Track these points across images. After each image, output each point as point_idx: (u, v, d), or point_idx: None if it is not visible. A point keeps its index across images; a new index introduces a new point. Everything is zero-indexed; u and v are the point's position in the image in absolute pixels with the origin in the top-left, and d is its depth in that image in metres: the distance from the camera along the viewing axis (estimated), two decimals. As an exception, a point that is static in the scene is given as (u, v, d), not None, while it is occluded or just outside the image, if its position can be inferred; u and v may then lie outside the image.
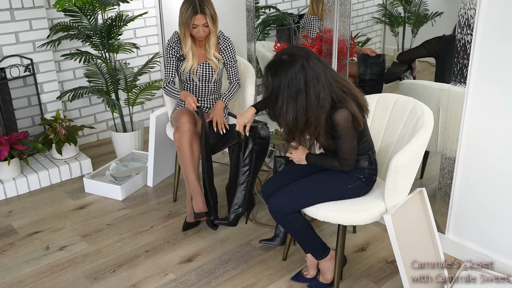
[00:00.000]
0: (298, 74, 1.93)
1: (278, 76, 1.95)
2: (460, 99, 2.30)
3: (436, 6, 2.89)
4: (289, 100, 1.96)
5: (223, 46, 2.85)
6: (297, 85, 1.93)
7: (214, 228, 2.76)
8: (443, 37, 2.61)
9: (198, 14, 2.64)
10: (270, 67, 1.99)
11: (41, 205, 3.16)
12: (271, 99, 2.00)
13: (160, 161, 3.36)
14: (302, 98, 1.95)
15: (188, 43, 2.76)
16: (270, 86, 1.98)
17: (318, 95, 1.94)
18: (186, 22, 2.67)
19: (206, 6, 2.66)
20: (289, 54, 1.96)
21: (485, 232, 2.40)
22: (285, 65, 1.94)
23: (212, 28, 2.71)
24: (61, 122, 3.38)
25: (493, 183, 2.31)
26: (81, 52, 3.41)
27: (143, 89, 3.66)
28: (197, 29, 2.69)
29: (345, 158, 2.07)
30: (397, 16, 3.22)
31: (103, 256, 2.63)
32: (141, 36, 4.17)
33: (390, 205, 2.13)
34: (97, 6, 3.36)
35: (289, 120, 1.99)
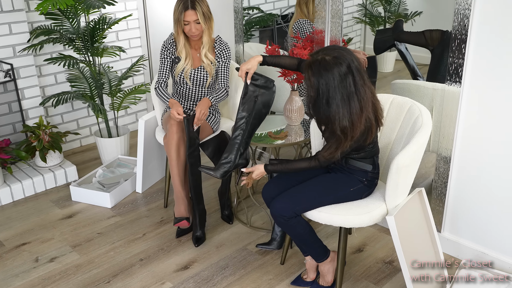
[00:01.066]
0: (347, 76, 1.86)
1: (323, 77, 1.86)
2: (456, 98, 2.31)
3: (416, 6, 2.92)
4: (343, 104, 1.88)
5: (218, 50, 2.80)
6: (348, 88, 1.87)
7: (196, 245, 2.68)
8: (447, 32, 2.59)
9: (189, 9, 2.61)
10: (313, 68, 1.89)
11: (27, 215, 3.05)
12: (319, 102, 1.91)
13: (148, 167, 3.29)
14: (355, 101, 1.89)
15: (181, 41, 2.72)
16: (316, 88, 1.89)
17: (365, 95, 1.90)
18: (178, 18, 2.65)
19: (198, 2, 2.63)
20: (333, 56, 1.88)
21: (481, 229, 2.42)
22: (331, 66, 1.86)
23: (204, 26, 2.67)
24: (44, 129, 3.28)
25: (488, 181, 2.33)
26: (65, 56, 3.31)
27: (129, 93, 3.58)
28: (188, 26, 2.65)
29: (326, 157, 2.01)
30: (377, 16, 3.23)
31: (96, 266, 2.55)
32: (123, 38, 4.08)
33: (391, 206, 2.12)
34: (79, 8, 3.27)
35: (346, 125, 1.90)
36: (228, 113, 3.17)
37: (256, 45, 3.56)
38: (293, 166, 2.13)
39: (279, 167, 2.16)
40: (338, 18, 2.67)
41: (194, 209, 2.66)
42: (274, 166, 2.17)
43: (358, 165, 2.12)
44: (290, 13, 3.59)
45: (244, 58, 3.39)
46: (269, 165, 2.19)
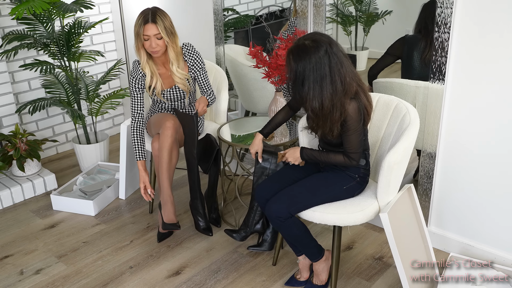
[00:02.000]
0: (322, 59, 1.93)
1: (302, 60, 1.94)
2: (439, 95, 2.37)
3: (386, 5, 2.97)
4: (315, 85, 1.95)
5: (189, 61, 2.70)
6: (322, 70, 1.94)
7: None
8: (406, 37, 2.68)
9: (149, 23, 2.47)
10: (293, 52, 1.97)
11: (6, 226, 2.96)
12: (296, 83, 2.00)
13: (131, 173, 3.23)
14: (327, 83, 1.95)
15: (143, 56, 2.57)
16: (294, 70, 1.98)
17: (343, 80, 1.96)
18: (137, 33, 2.51)
19: (160, 16, 2.50)
20: (312, 40, 1.96)
21: (466, 222, 2.49)
22: (309, 50, 1.94)
23: (167, 40, 2.52)
24: (21, 137, 3.18)
25: (472, 176, 2.40)
26: (40, 62, 3.22)
27: (107, 98, 3.52)
28: (149, 42, 2.50)
29: (353, 151, 2.06)
30: (348, 15, 3.28)
31: (84, 276, 2.49)
32: (98, 42, 4.00)
33: (383, 203, 2.16)
34: (54, 12, 3.18)
35: (316, 106, 1.97)
36: (211, 115, 3.15)
37: (236, 46, 3.55)
38: (329, 159, 2.13)
39: (316, 155, 2.15)
40: (321, 18, 2.69)
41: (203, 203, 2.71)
42: (311, 153, 2.16)
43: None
44: (265, 14, 3.60)
45: (224, 60, 3.37)
46: (306, 150, 2.17)
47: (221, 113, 3.07)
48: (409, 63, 2.65)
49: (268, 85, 3.16)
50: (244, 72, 3.35)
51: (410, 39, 2.64)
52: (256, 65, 2.80)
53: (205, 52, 3.38)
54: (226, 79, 3.09)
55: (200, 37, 3.42)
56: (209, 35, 3.35)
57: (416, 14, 2.60)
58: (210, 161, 2.73)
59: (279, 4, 3.62)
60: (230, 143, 2.70)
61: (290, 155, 2.22)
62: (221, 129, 2.86)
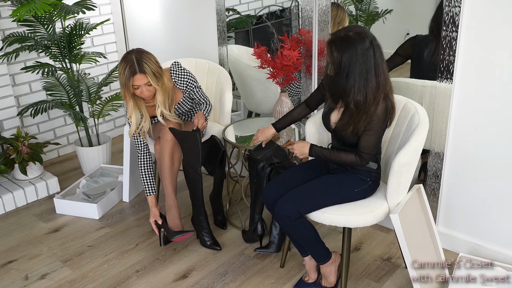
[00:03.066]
0: (368, 51, 1.91)
1: (347, 51, 1.90)
2: (447, 95, 2.35)
3: (386, 4, 2.96)
4: (361, 77, 1.92)
5: (180, 85, 2.62)
6: (368, 62, 1.91)
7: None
8: (416, 37, 2.65)
9: (137, 73, 2.36)
10: (337, 43, 1.93)
11: (10, 231, 2.92)
12: (339, 75, 1.94)
13: (134, 175, 3.21)
14: (372, 76, 1.92)
15: (130, 106, 2.48)
16: (338, 61, 1.93)
17: (386, 75, 1.94)
18: (125, 83, 2.39)
19: (146, 63, 2.37)
20: (355, 32, 1.92)
21: (474, 222, 2.48)
22: (355, 41, 1.90)
23: (157, 86, 2.43)
24: (23, 140, 3.15)
25: (480, 175, 2.38)
26: (42, 64, 3.19)
27: (109, 100, 3.49)
28: (140, 90, 2.42)
29: (367, 151, 2.03)
30: (349, 14, 3.26)
31: (90, 281, 2.47)
32: (99, 44, 3.97)
33: (393, 204, 2.14)
34: (55, 14, 3.15)
35: (360, 99, 1.94)
36: (215, 116, 3.13)
37: (239, 47, 3.52)
38: (340, 158, 2.09)
39: (326, 153, 2.11)
40: (326, 17, 2.67)
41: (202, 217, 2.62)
42: (320, 151, 2.11)
43: (362, 164, 2.13)
44: (265, 14, 3.58)
45: (228, 61, 3.35)
46: (316, 147, 2.12)
47: (225, 114, 3.05)
48: (419, 63, 2.63)
49: (271, 85, 3.14)
50: (248, 73, 3.33)
51: (420, 40, 2.62)
52: (261, 65, 2.79)
53: (208, 52, 3.36)
54: (229, 80, 3.07)
55: (203, 37, 3.39)
56: (212, 36, 3.33)
57: (416, 13, 2.58)
58: (215, 163, 2.70)
59: (279, 4, 3.60)
60: (235, 144, 2.67)
61: (298, 149, 2.16)
62: (226, 131, 2.84)
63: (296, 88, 3.09)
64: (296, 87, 3.08)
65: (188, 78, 2.63)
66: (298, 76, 2.97)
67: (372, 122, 1.98)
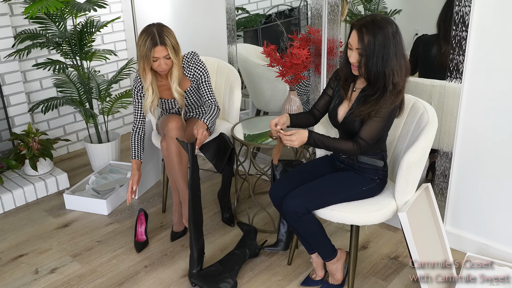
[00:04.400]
0: (397, 34, 1.95)
1: (379, 34, 1.92)
2: (456, 94, 2.35)
3: (395, 4, 2.95)
4: (396, 60, 1.95)
5: (188, 73, 2.64)
6: (399, 45, 1.95)
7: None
8: (422, 37, 2.65)
9: (158, 45, 2.43)
10: (367, 26, 1.93)
11: (20, 226, 2.96)
12: (374, 60, 1.95)
13: (143, 171, 3.23)
14: (402, 59, 1.97)
15: (148, 79, 2.55)
16: (372, 44, 1.93)
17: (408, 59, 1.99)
18: (146, 55, 2.45)
19: (167, 36, 2.45)
20: (381, 17, 1.95)
21: (482, 222, 2.47)
22: (384, 25, 1.92)
23: (175, 60, 2.50)
24: (33, 136, 3.18)
25: (489, 175, 2.38)
26: (53, 61, 3.22)
27: (118, 97, 3.52)
28: (158, 62, 2.48)
29: (366, 139, 2.03)
30: (357, 14, 3.27)
31: (99, 275, 2.49)
32: (109, 42, 4.00)
33: (401, 202, 2.14)
34: (66, 12, 3.18)
35: (398, 81, 1.97)
36: (224, 114, 3.14)
37: (248, 45, 3.54)
38: (336, 145, 2.06)
39: (324, 140, 2.07)
40: (336, 15, 2.68)
41: (192, 245, 2.37)
42: (318, 137, 2.07)
43: (369, 162, 2.14)
44: (274, 13, 3.59)
45: (237, 59, 3.37)
46: (315, 134, 2.07)
47: (234, 112, 3.06)
48: (426, 63, 2.62)
49: (280, 84, 3.15)
50: (257, 71, 3.34)
51: (424, 40, 2.62)
52: (270, 64, 2.80)
53: (217, 51, 3.38)
54: (239, 78, 3.08)
55: (212, 36, 3.41)
56: (221, 34, 3.35)
57: (425, 13, 2.58)
58: (224, 160, 2.72)
59: (288, 3, 3.61)
60: (244, 142, 2.69)
61: (298, 140, 2.05)
62: (235, 128, 2.85)
63: (305, 87, 3.10)
64: (305, 86, 3.09)
65: (197, 68, 2.65)
66: (307, 75, 2.98)
67: (381, 110, 2.00)
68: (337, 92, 2.22)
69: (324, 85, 2.91)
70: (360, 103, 2.08)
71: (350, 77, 2.15)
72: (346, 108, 2.16)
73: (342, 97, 2.19)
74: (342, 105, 2.18)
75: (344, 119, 2.14)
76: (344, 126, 2.15)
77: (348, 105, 2.15)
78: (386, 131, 2.15)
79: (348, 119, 2.11)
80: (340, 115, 2.17)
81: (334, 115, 2.19)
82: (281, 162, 2.53)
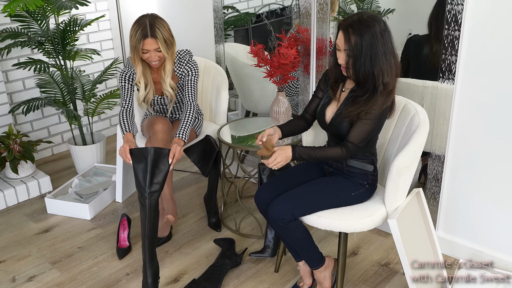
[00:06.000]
0: (385, 33, 1.87)
1: (366, 33, 1.84)
2: (449, 96, 2.27)
3: (388, 3, 2.88)
4: (385, 59, 1.87)
5: (178, 71, 2.55)
6: (387, 44, 1.88)
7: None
8: (413, 37, 2.58)
9: (148, 37, 2.34)
10: (354, 26, 1.85)
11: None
12: (362, 60, 1.87)
13: (128, 175, 3.13)
14: (391, 58, 1.89)
15: (139, 70, 2.47)
16: (359, 45, 1.85)
17: (398, 57, 1.92)
18: (135, 46, 2.37)
19: (159, 28, 2.35)
20: (368, 15, 1.87)
21: (476, 228, 2.40)
22: (371, 23, 1.85)
23: (166, 54, 2.41)
24: (14, 138, 3.08)
25: (482, 179, 2.30)
26: (34, 61, 3.12)
27: (103, 98, 3.42)
28: (148, 54, 2.40)
29: (355, 142, 1.94)
30: (350, 13, 3.19)
31: (79, 284, 2.39)
32: (95, 41, 3.90)
33: (391, 208, 2.06)
34: (48, 9, 3.08)
35: (388, 81, 1.89)
36: (211, 116, 3.05)
37: (236, 45, 3.45)
38: (324, 154, 1.97)
39: (310, 152, 1.97)
40: (325, 13, 2.60)
41: (146, 267, 2.21)
42: (303, 150, 1.97)
43: (358, 166, 2.05)
44: (265, 12, 3.51)
45: (224, 59, 3.28)
46: (298, 148, 1.96)
47: (221, 114, 2.98)
48: (417, 64, 2.55)
49: (269, 84, 3.06)
50: (245, 72, 3.26)
51: (415, 40, 2.55)
52: (258, 64, 2.71)
53: (204, 50, 3.29)
54: (226, 78, 3.00)
55: (199, 35, 3.33)
56: (208, 33, 3.26)
57: (419, 13, 2.51)
58: (209, 163, 2.63)
59: (280, 2, 3.53)
60: (231, 144, 2.60)
61: (281, 156, 1.94)
62: (221, 130, 2.77)
63: (294, 88, 3.02)
64: (294, 86, 3.01)
65: (188, 66, 2.55)
66: (296, 75, 2.89)
67: (371, 112, 1.92)
68: (326, 92, 2.14)
69: (313, 86, 2.82)
70: (348, 103, 2.00)
71: (340, 78, 2.07)
72: (334, 109, 2.08)
73: (330, 98, 2.11)
74: (330, 105, 2.10)
75: (331, 120, 2.06)
76: (331, 127, 2.06)
77: (337, 106, 2.07)
78: (376, 133, 2.07)
79: (335, 120, 2.03)
80: (328, 116, 2.09)
81: (322, 116, 2.11)
82: None
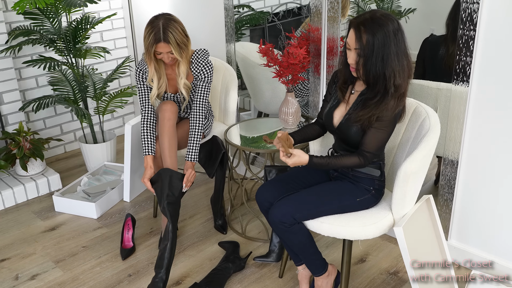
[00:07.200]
0: (398, 32, 1.78)
1: (378, 32, 1.76)
2: (463, 98, 2.17)
3: (409, 3, 2.79)
4: (398, 60, 1.79)
5: (194, 71, 2.52)
6: (400, 44, 1.79)
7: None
8: (430, 38, 2.48)
9: (161, 42, 2.33)
10: (366, 24, 1.77)
11: (7, 228, 2.86)
12: (373, 60, 1.79)
13: (136, 174, 3.11)
14: (404, 59, 1.81)
15: (152, 69, 2.46)
16: (371, 44, 1.77)
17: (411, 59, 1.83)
18: (147, 49, 2.38)
19: (171, 32, 2.33)
20: (381, 13, 1.79)
21: (491, 237, 2.29)
22: (384, 22, 1.77)
23: (179, 57, 2.40)
24: (25, 136, 3.09)
25: (498, 186, 2.19)
26: (45, 58, 3.12)
27: (114, 96, 3.40)
28: (161, 56, 2.40)
29: (371, 150, 1.87)
30: None
31: (80, 284, 2.37)
32: (108, 39, 3.90)
33: (398, 216, 1.97)
34: (60, 7, 3.08)
35: (400, 82, 1.82)
36: (220, 116, 3.00)
37: (248, 44, 3.39)
38: (340, 164, 1.91)
39: (325, 161, 1.91)
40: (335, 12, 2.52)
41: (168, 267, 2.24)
42: (320, 160, 1.91)
43: (364, 171, 1.97)
44: (282, 11, 3.44)
45: (235, 58, 3.23)
46: (315, 158, 1.90)
47: (229, 114, 2.92)
48: (433, 65, 2.45)
49: (280, 85, 3.00)
50: (256, 71, 3.20)
51: (432, 41, 2.45)
52: (267, 63, 2.65)
53: (215, 50, 3.25)
54: (235, 78, 2.94)
55: (210, 34, 3.28)
56: (220, 32, 3.21)
57: (441, 12, 2.41)
58: (215, 164, 2.58)
59: (297, 1, 3.46)
60: (237, 146, 2.54)
61: (297, 161, 1.90)
62: (230, 131, 2.71)
63: (304, 89, 2.94)
64: (304, 87, 2.93)
65: (205, 68, 2.52)
66: (306, 75, 2.82)
67: (383, 118, 1.84)
68: (334, 94, 2.06)
69: (324, 87, 2.75)
70: (358, 107, 1.92)
71: (350, 79, 1.99)
72: (342, 112, 2.00)
73: (339, 100, 2.03)
74: (339, 108, 2.02)
75: (340, 124, 1.98)
76: (339, 131, 1.99)
77: (345, 109, 1.99)
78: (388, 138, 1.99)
79: (344, 124, 1.95)
80: (336, 120, 2.01)
81: (330, 119, 2.03)
82: (275, 168, 2.38)
